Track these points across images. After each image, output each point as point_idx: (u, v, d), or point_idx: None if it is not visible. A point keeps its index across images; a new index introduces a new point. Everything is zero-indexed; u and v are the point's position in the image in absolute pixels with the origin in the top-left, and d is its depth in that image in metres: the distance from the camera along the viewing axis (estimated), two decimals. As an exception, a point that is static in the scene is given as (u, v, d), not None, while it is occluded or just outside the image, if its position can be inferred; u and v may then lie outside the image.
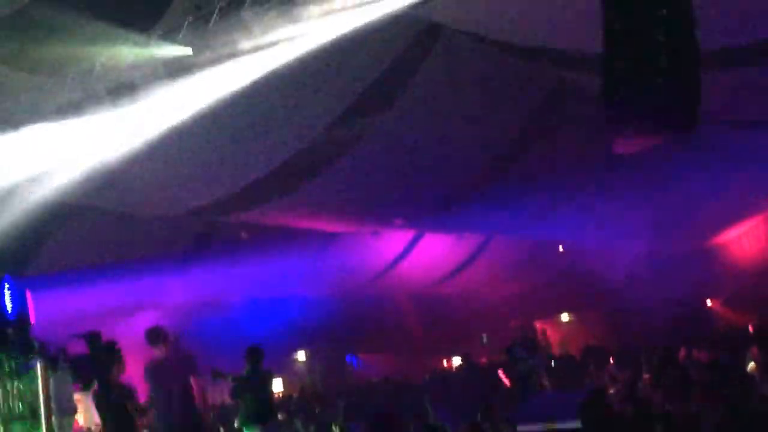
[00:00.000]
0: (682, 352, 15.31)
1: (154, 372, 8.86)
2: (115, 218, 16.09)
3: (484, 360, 23.55)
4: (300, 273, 21.07)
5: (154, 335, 8.94)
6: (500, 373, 16.51)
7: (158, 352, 8.86)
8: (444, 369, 25.45)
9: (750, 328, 19.84)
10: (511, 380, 16.09)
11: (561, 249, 24.12)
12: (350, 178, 15.37)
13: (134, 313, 17.64)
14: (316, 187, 15.41)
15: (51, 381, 10.84)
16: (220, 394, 19.72)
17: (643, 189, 18.40)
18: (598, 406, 7.45)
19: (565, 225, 20.06)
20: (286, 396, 20.88)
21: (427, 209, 18.01)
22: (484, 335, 26.02)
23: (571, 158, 16.10)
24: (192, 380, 8.63)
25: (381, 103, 13.39)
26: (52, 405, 10.70)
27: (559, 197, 17.82)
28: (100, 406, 8.46)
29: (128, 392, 8.90)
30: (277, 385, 20.71)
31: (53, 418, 10.66)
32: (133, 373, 9.18)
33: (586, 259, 22.69)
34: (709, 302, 24.54)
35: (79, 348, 9.15)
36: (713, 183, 17.87)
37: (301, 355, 26.44)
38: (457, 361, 26.09)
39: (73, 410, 11.66)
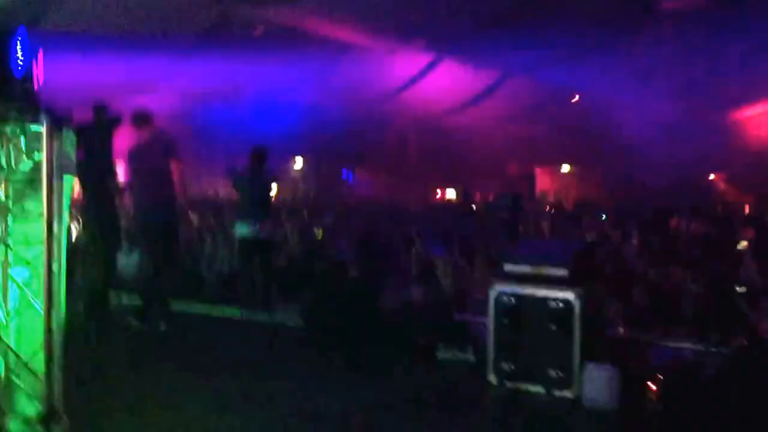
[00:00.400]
0: (676, 221, 15.27)
1: (135, 155, 8.79)
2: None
3: (477, 196, 23.67)
4: (309, 79, 20.73)
5: (139, 117, 8.81)
6: None
7: (142, 135, 8.76)
8: (438, 200, 25.62)
9: (747, 209, 19.83)
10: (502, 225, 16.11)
11: (575, 99, 23.69)
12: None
13: (142, 93, 17.43)
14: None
15: (54, 142, 10.70)
16: (213, 187, 19.89)
17: (675, 51, 17.83)
18: (586, 259, 7.44)
19: (585, 75, 19.59)
20: (279, 200, 21.01)
21: (448, 34, 17.55)
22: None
23: (610, 6, 15.52)
24: (173, 165, 8.56)
25: None
26: (54, 164, 10.61)
27: (586, 44, 17.28)
28: (87, 177, 8.38)
29: (113, 169, 8.79)
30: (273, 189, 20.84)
31: (54, 179, 10.60)
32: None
33: (599, 114, 22.30)
34: (713, 176, 24.47)
35: (84, 116, 8.99)
36: (748, 57, 17.31)
37: (297, 162, 26.55)
38: (451, 193, 26.27)
39: (74, 170, 11.60)
